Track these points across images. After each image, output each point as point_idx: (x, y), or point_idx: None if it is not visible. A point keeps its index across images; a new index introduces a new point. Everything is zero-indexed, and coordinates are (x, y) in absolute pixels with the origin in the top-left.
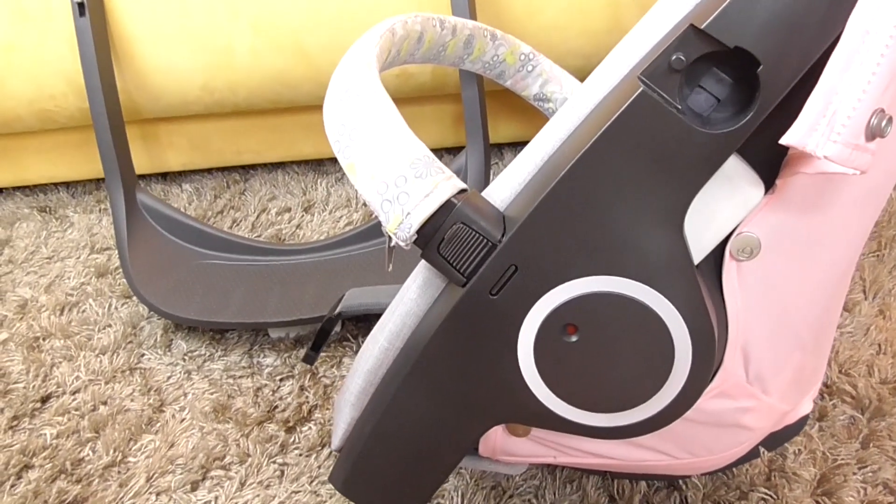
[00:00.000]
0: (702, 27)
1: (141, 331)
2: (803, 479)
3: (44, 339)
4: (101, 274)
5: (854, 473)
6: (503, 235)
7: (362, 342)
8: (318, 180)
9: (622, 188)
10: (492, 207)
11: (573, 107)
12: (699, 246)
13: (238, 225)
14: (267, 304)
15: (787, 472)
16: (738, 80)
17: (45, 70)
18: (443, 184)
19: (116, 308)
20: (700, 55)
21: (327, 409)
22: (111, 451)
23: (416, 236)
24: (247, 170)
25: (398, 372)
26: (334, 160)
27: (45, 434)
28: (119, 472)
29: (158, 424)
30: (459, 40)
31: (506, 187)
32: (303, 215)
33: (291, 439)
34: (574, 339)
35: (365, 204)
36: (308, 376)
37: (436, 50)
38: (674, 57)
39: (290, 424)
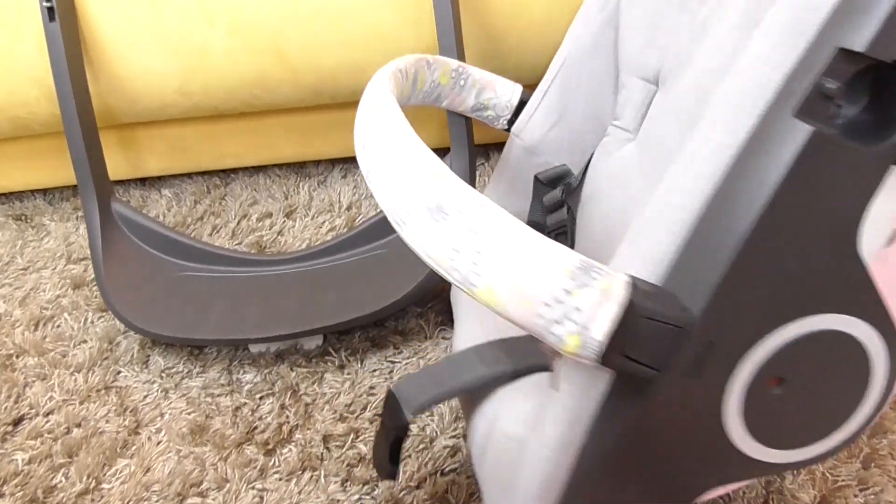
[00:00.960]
0: (862, 50)
1: (117, 346)
2: (802, 501)
3: (17, 357)
4: (78, 286)
5: (855, 496)
6: (689, 316)
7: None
8: (301, 183)
9: (805, 231)
10: (659, 289)
11: (700, 160)
12: (870, 252)
13: (218, 232)
14: (246, 318)
15: (785, 495)
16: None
17: (15, 75)
18: (614, 285)
19: (93, 322)
20: (852, 75)
21: (308, 428)
22: (84, 478)
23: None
24: (227, 174)
25: (592, 475)
26: (316, 163)
27: (17, 459)
28: (93, 500)
29: (134, 447)
30: (409, 82)
31: (655, 260)
32: (284, 221)
33: (271, 462)
34: (779, 390)
35: (348, 208)
36: (289, 394)
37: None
38: (826, 84)
39: (270, 447)
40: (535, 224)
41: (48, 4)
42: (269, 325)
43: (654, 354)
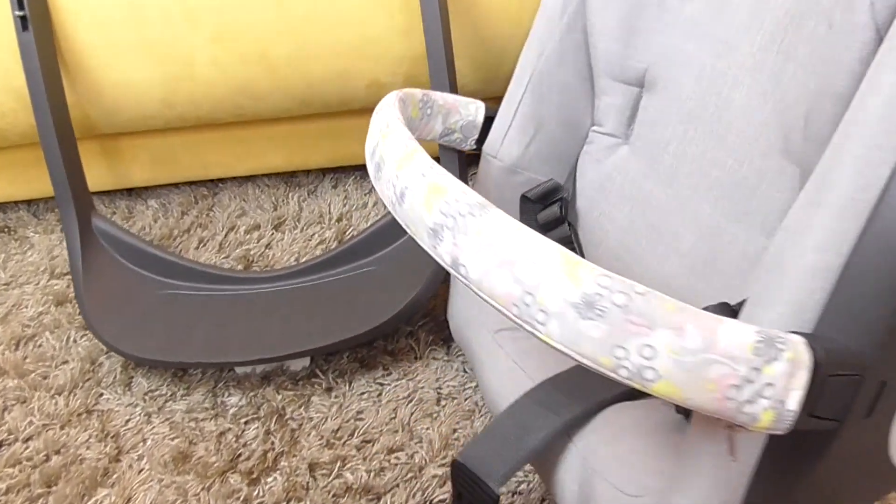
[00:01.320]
0: None
1: (100, 367)
2: None
3: None
4: (60, 302)
5: None
6: (863, 361)
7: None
8: (290, 193)
9: None
10: (832, 342)
11: (840, 201)
12: None
13: (205, 245)
14: (231, 339)
15: None
16: None
17: None
18: (799, 351)
19: (75, 341)
20: None
21: (294, 456)
22: None
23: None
24: (215, 183)
25: None
26: (307, 172)
27: None
28: None
29: (115, 476)
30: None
31: (804, 308)
32: (273, 233)
33: (255, 492)
34: None
35: (338, 220)
36: (274, 419)
37: None
38: None
39: (254, 475)
40: None
41: (21, 13)
42: (254, 347)
43: (838, 407)
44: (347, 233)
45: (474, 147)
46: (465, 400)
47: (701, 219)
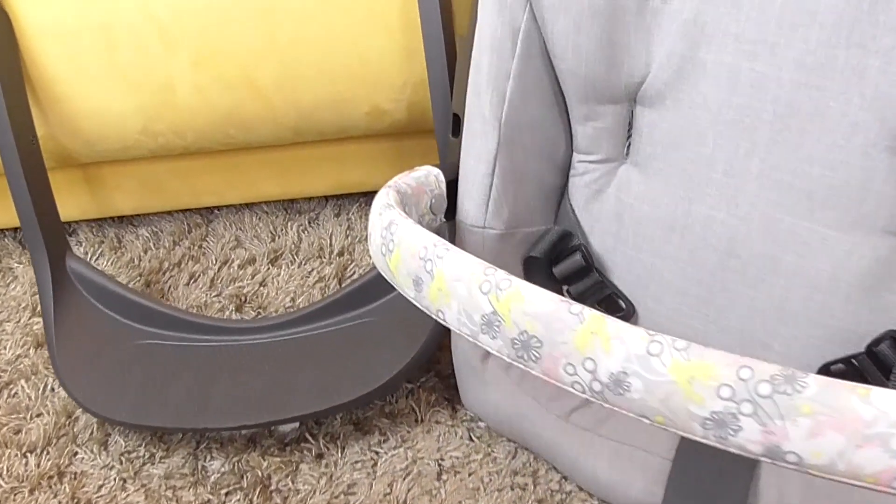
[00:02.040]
0: None
1: (76, 421)
2: None
3: None
4: (40, 344)
5: None
6: None
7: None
8: (289, 222)
9: None
10: None
11: None
12: None
13: (196, 281)
14: (210, 400)
15: None
16: None
17: None
18: None
19: (52, 389)
20: None
21: None
22: None
23: None
24: (210, 210)
25: None
26: (308, 199)
27: None
28: None
29: None
30: None
31: None
32: (268, 268)
33: None
34: None
35: (339, 254)
36: (258, 490)
37: None
38: None
39: None
40: None
41: None
42: (236, 411)
43: None
44: (348, 269)
45: (444, 221)
46: (470, 475)
47: (799, 234)
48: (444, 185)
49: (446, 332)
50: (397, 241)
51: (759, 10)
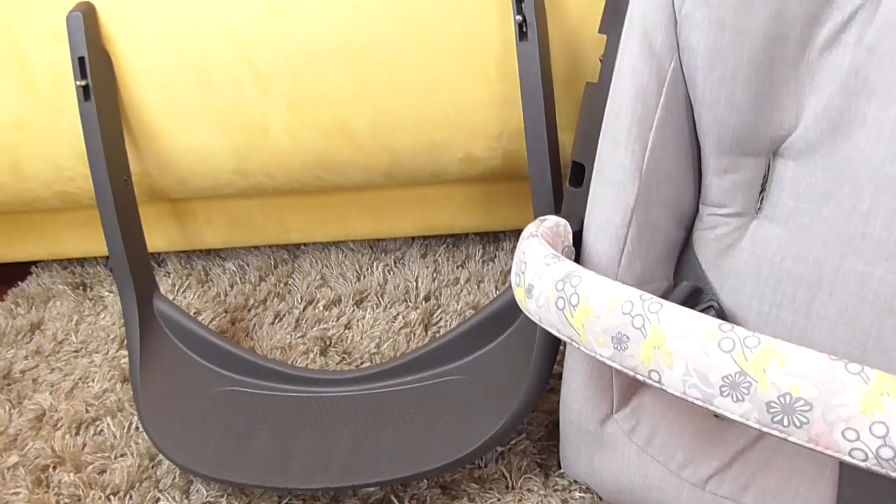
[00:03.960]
0: None
1: (159, 465)
2: None
3: (54, 469)
4: (126, 379)
5: None
6: None
7: None
8: (375, 262)
9: None
10: None
11: None
12: None
13: (281, 321)
14: (292, 458)
15: None
16: None
17: (60, 150)
18: None
19: (137, 428)
20: None
21: None
22: None
23: None
24: (297, 246)
25: None
26: (395, 239)
27: None
28: None
29: None
30: None
31: None
32: (353, 310)
33: None
34: None
35: (426, 299)
36: None
37: None
38: None
39: None
40: None
41: (82, 83)
42: (319, 472)
43: None
44: (435, 315)
45: None
46: None
47: None
48: (571, 237)
49: (540, 394)
50: (583, 295)
51: None
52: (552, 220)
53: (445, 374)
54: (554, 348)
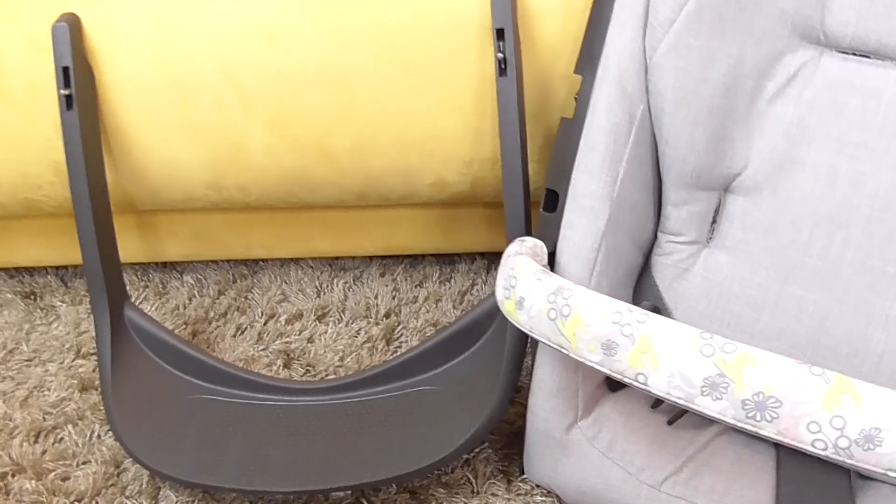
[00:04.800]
0: None
1: (125, 472)
2: None
3: (13, 477)
4: (85, 388)
5: None
6: None
7: None
8: (335, 279)
9: None
10: None
11: None
12: None
13: (243, 334)
14: (266, 462)
15: None
16: None
17: (30, 157)
18: None
19: (99, 437)
20: None
21: None
22: None
23: None
24: (256, 262)
25: None
26: (353, 258)
27: None
28: None
29: None
30: None
31: None
32: (315, 324)
33: None
34: None
35: (386, 316)
36: None
37: None
38: None
39: None
40: None
41: (66, 92)
42: (293, 476)
43: None
44: (396, 330)
45: None
46: None
47: (890, 315)
48: (546, 257)
49: (509, 402)
50: (575, 306)
51: (861, 119)
52: (531, 241)
53: (417, 385)
54: (521, 361)
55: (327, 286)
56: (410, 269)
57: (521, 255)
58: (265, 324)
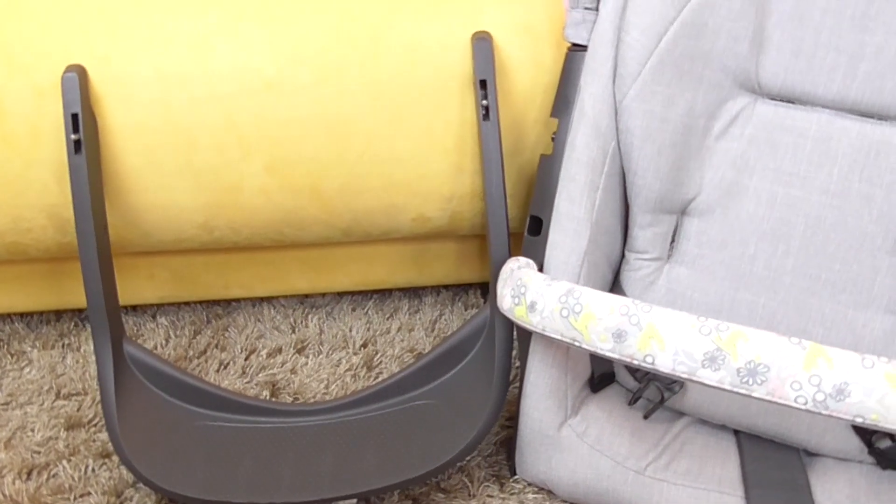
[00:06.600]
0: None
1: (127, 501)
2: None
3: None
4: (72, 426)
5: None
6: None
7: None
8: (309, 315)
9: None
10: None
11: None
12: None
13: (227, 369)
14: (280, 477)
15: None
16: None
17: (25, 201)
18: None
19: (94, 471)
20: None
21: None
22: None
23: None
24: (229, 302)
25: None
26: (323, 294)
27: None
28: None
29: None
30: None
31: None
32: (296, 357)
33: None
34: None
35: (363, 345)
36: None
37: None
38: None
39: None
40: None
41: (76, 137)
42: (304, 487)
43: None
44: (375, 358)
45: None
46: None
47: (826, 313)
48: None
49: (501, 410)
50: (586, 304)
51: (792, 152)
52: (524, 260)
53: (413, 399)
54: (509, 371)
55: (301, 322)
56: (380, 303)
57: (525, 269)
58: (247, 359)
